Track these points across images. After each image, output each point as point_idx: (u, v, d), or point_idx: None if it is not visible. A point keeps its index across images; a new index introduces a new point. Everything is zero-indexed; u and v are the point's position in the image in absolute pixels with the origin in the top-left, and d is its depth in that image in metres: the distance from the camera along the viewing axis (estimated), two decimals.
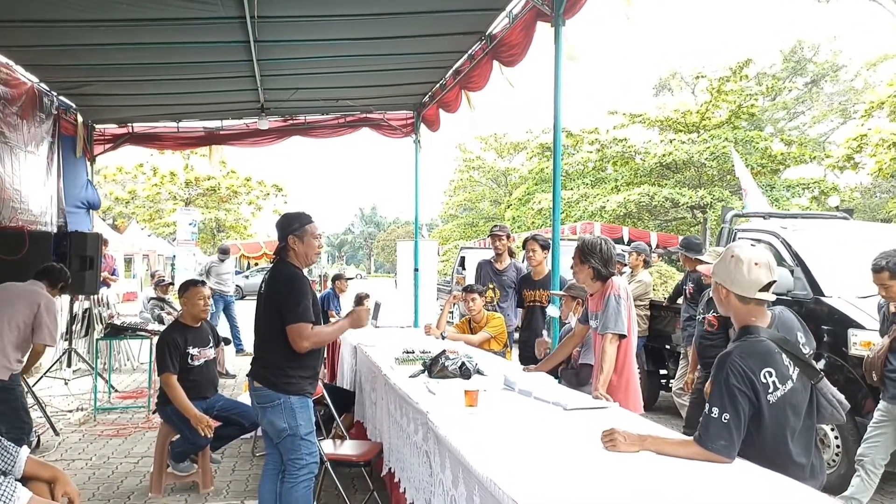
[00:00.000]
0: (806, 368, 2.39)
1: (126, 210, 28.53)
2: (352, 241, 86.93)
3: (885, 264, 4.09)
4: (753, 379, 2.27)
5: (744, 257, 2.40)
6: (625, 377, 3.61)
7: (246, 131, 9.34)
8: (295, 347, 3.43)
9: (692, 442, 2.32)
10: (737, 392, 2.25)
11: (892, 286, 4.10)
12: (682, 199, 19.14)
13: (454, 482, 2.55)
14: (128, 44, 6.13)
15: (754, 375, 2.27)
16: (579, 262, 3.71)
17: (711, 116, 21.14)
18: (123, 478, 5.10)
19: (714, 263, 2.53)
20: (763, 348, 2.33)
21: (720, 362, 2.33)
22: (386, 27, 6.06)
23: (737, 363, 2.29)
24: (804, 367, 2.39)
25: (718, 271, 2.48)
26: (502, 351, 5.51)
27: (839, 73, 30.27)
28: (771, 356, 2.32)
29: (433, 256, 14.36)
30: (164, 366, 4.58)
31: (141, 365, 9.61)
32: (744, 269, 2.38)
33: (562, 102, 5.04)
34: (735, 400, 2.25)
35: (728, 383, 2.27)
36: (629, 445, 2.41)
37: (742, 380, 2.27)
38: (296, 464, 3.52)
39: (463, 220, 37.73)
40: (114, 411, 7.23)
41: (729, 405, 2.25)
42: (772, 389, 2.28)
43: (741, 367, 2.28)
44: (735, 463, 2.34)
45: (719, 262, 2.48)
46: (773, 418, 2.29)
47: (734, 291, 2.41)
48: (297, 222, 3.62)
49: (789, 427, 2.32)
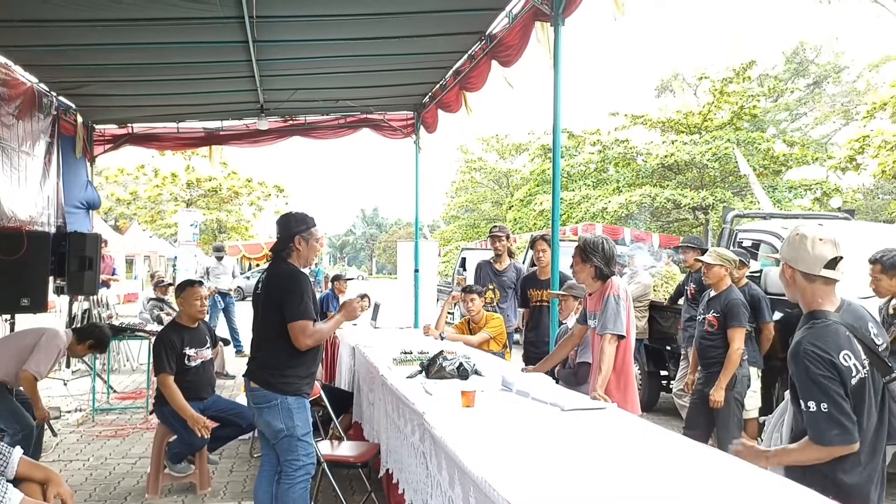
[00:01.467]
0: (878, 362, 2.31)
1: (128, 211, 28.56)
2: (353, 243, 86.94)
3: (879, 258, 4.16)
4: (834, 361, 2.20)
5: (808, 234, 2.37)
6: (623, 378, 3.58)
7: (246, 132, 9.33)
8: (297, 344, 3.42)
9: (810, 444, 2.24)
10: (822, 380, 2.18)
11: (882, 280, 4.14)
12: (683, 201, 19.11)
13: (451, 483, 2.52)
14: (127, 44, 6.12)
15: (834, 358, 2.20)
16: (581, 260, 3.69)
17: (713, 117, 21.12)
18: (121, 479, 5.08)
19: (892, 261, 2.47)
20: (833, 331, 2.26)
21: (794, 355, 2.26)
22: (386, 27, 6.04)
23: (811, 351, 2.22)
24: (876, 360, 2.30)
25: (784, 251, 2.45)
26: (501, 352, 5.48)
27: (841, 74, 30.23)
28: (845, 339, 2.25)
29: (433, 257, 14.33)
30: (160, 366, 4.56)
31: (140, 366, 9.60)
32: (808, 244, 2.34)
33: (561, 101, 5.01)
34: (825, 387, 2.18)
35: (810, 375, 2.20)
36: (755, 458, 2.36)
37: (823, 366, 2.20)
38: (292, 465, 3.50)
39: (464, 221, 37.73)
40: (112, 412, 7.21)
41: (822, 395, 2.18)
42: (854, 373, 2.21)
43: (817, 354, 2.21)
44: (736, 465, 2.32)
45: (785, 243, 2.46)
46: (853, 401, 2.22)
47: (799, 269, 2.36)
48: (304, 224, 3.63)
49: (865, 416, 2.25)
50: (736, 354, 4.69)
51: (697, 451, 2.53)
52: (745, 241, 6.47)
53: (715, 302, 4.89)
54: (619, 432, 2.78)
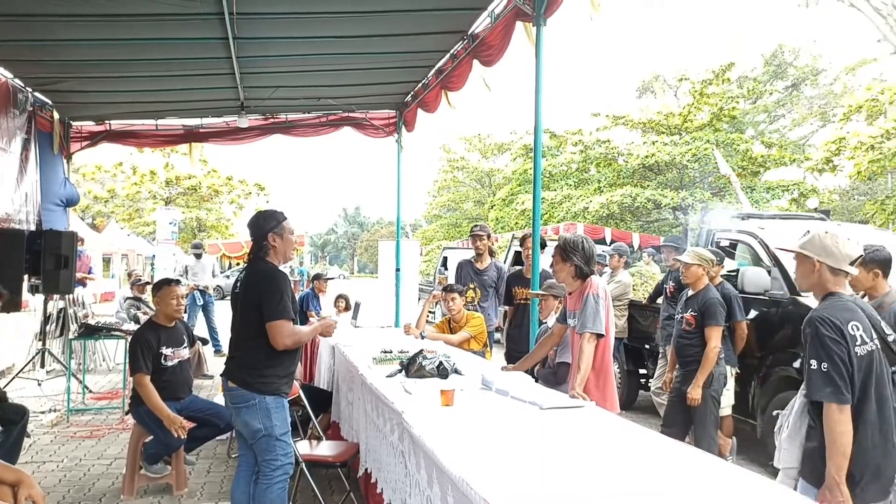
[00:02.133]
0: (887, 350, 2.58)
1: (105, 209, 28.19)
2: (335, 241, 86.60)
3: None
4: (842, 329, 2.46)
5: (837, 234, 2.70)
6: (602, 376, 3.60)
7: (226, 129, 9.24)
8: (274, 344, 3.39)
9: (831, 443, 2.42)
10: (829, 341, 2.44)
11: (860, 273, 4.17)
12: (663, 201, 19.28)
13: (429, 482, 2.52)
14: (104, 40, 6.03)
15: (843, 326, 2.47)
16: (561, 259, 3.70)
17: (693, 119, 21.32)
18: (95, 480, 5.01)
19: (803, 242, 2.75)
20: (846, 305, 2.56)
21: (808, 321, 2.54)
22: (368, 25, 6.01)
23: (824, 315, 2.51)
24: (885, 347, 2.57)
25: (809, 246, 2.71)
26: (482, 351, 5.49)
27: (819, 77, 30.66)
28: (855, 313, 2.54)
29: (415, 257, 14.31)
30: (136, 366, 4.51)
31: (116, 365, 9.48)
32: (839, 243, 2.65)
33: (543, 101, 5.02)
34: (829, 349, 2.44)
35: (819, 334, 2.47)
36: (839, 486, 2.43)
37: (832, 329, 2.46)
38: (270, 465, 3.47)
39: (446, 220, 37.75)
40: (87, 412, 7.11)
41: (825, 355, 2.44)
42: (859, 342, 2.47)
43: (829, 318, 2.49)
44: (712, 462, 2.34)
45: (810, 239, 2.73)
46: (860, 371, 2.44)
47: (827, 263, 2.65)
48: (273, 220, 3.60)
49: (875, 388, 2.47)
50: (713, 353, 4.74)
51: (675, 448, 2.55)
52: (722, 241, 6.54)
53: (693, 301, 4.94)
54: (597, 431, 2.79)
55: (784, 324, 5.49)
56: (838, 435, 2.40)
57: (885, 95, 15.24)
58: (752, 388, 5.64)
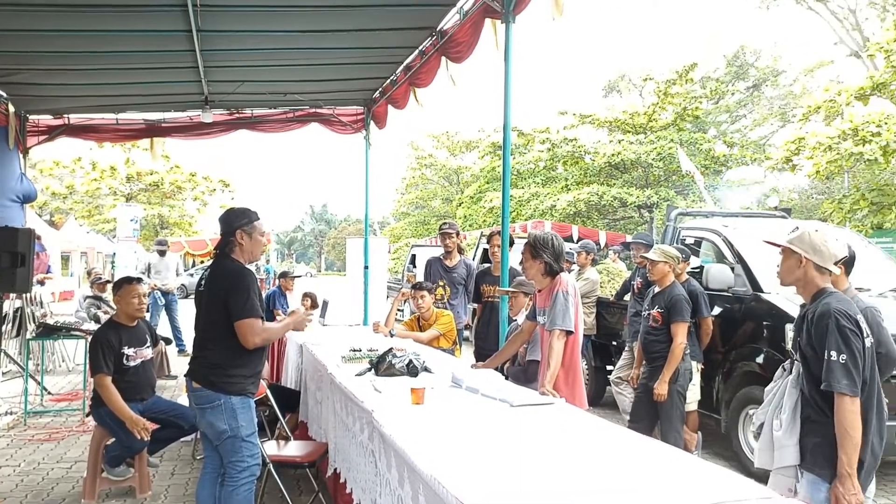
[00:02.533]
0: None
1: (63, 205, 27.43)
2: (302, 239, 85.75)
3: None
4: (858, 321, 2.57)
5: (826, 233, 2.76)
6: (571, 373, 3.62)
7: (189, 124, 9.04)
8: (244, 343, 3.33)
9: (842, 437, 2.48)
10: (849, 332, 2.52)
11: None
12: (629, 199, 19.53)
13: (400, 481, 2.50)
14: (62, 30, 5.85)
15: (858, 318, 2.58)
16: (531, 256, 3.70)
17: (658, 118, 21.64)
18: (55, 484, 4.87)
19: (792, 238, 2.78)
20: (848, 300, 2.67)
21: (823, 314, 2.58)
22: (336, 20, 5.95)
23: (842, 308, 2.57)
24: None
25: (798, 242, 2.75)
26: (451, 348, 5.48)
27: (779, 78, 31.37)
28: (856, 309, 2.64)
29: (383, 254, 14.24)
30: (97, 367, 4.39)
31: (76, 366, 9.24)
32: (828, 241, 2.71)
33: (511, 99, 5.03)
34: (849, 341, 2.51)
35: (840, 326, 2.53)
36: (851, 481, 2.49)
37: (850, 321, 2.55)
38: (236, 466, 3.41)
39: (414, 217, 37.67)
40: (46, 415, 6.92)
41: (845, 347, 2.50)
42: (866, 334, 2.59)
43: (846, 311, 2.56)
44: (678, 455, 2.36)
45: (799, 236, 2.77)
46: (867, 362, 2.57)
47: (813, 260, 2.71)
48: (245, 218, 3.54)
49: (872, 378, 2.58)
50: (679, 349, 4.81)
51: (642, 443, 2.57)
52: (687, 238, 6.64)
53: (659, 298, 5.00)
54: (567, 427, 2.81)
55: (747, 320, 5.60)
56: (851, 427, 2.45)
57: (842, 97, 15.65)
58: (717, 384, 5.74)
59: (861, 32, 24.64)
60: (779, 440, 2.71)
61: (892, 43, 13.49)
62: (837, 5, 24.92)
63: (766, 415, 2.82)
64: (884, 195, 14.93)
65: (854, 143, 13.82)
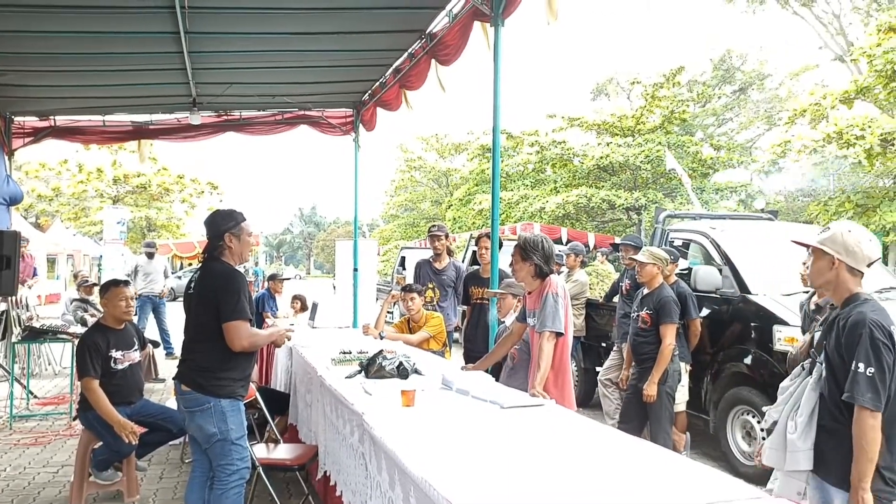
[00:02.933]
0: None
1: (50, 208, 27.20)
2: (291, 241, 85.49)
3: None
4: (892, 333, 2.44)
5: (860, 233, 2.62)
6: (561, 375, 3.63)
7: (177, 126, 9.00)
8: (231, 346, 3.31)
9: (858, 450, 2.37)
10: (881, 346, 2.40)
11: None
12: (618, 201, 19.61)
13: (391, 484, 2.49)
14: (48, 32, 5.81)
15: (892, 330, 2.45)
16: (521, 259, 3.70)
17: (646, 121, 21.74)
18: (41, 489, 4.82)
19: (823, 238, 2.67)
20: (884, 308, 2.52)
21: (861, 323, 2.45)
22: (324, 22, 5.94)
23: (878, 319, 2.44)
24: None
25: (830, 244, 2.62)
26: (441, 350, 5.49)
27: (765, 81, 31.65)
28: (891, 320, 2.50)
29: (373, 256, 14.23)
30: (84, 370, 4.35)
31: (63, 369, 9.16)
32: (862, 243, 2.58)
33: (501, 102, 5.04)
34: (880, 353, 2.40)
35: (873, 338, 2.41)
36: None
37: (883, 333, 2.42)
38: (226, 469, 3.39)
39: (404, 220, 37.64)
40: (32, 419, 6.85)
41: (875, 360, 2.39)
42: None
43: (881, 322, 2.44)
44: (668, 456, 2.38)
45: (831, 236, 2.64)
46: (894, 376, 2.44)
47: (847, 262, 2.58)
48: (232, 220, 3.53)
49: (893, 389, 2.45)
50: (667, 350, 4.84)
51: (632, 444, 2.59)
52: (676, 240, 6.68)
53: (648, 299, 5.03)
54: (557, 428, 2.82)
55: (734, 321, 5.64)
56: (870, 441, 2.35)
57: (826, 100, 15.82)
58: (705, 385, 5.78)
59: (845, 37, 24.91)
60: (792, 443, 2.59)
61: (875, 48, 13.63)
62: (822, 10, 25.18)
63: (781, 414, 2.71)
64: (868, 197, 15.09)
65: (839, 146, 13.97)
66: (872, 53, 13.60)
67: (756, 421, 5.25)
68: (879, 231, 14.69)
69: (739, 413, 5.45)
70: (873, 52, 13.57)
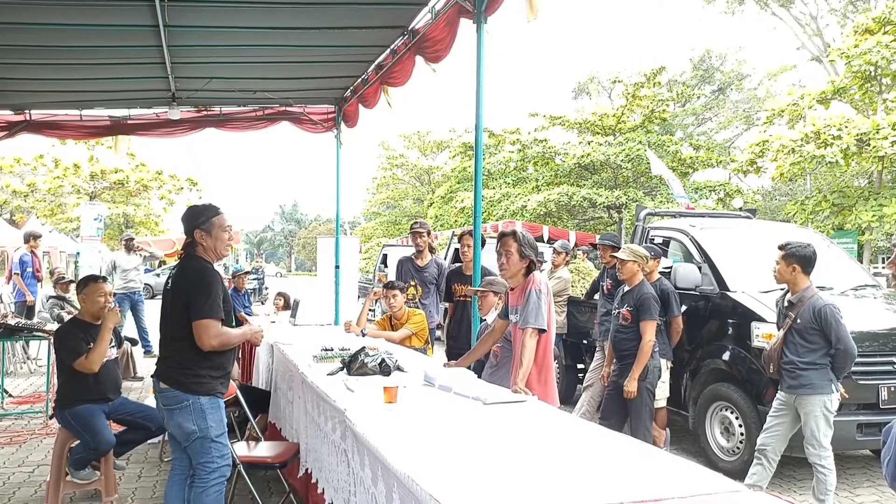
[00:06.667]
0: None
1: (25, 204, 26.71)
2: (271, 239, 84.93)
3: (784, 244, 4.42)
4: None
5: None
6: (544, 372, 3.65)
7: (156, 121, 8.89)
8: (199, 344, 3.26)
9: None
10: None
11: (780, 265, 4.39)
12: (599, 199, 19.72)
13: (374, 480, 2.49)
14: (23, 24, 5.69)
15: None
16: (518, 256, 3.67)
17: (626, 120, 21.89)
18: (16, 488, 4.74)
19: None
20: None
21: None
22: (306, 17, 5.90)
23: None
24: None
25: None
26: (423, 347, 5.47)
27: (743, 82, 32.06)
28: None
29: (354, 254, 14.16)
30: (71, 354, 4.27)
31: (39, 367, 9.01)
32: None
33: (484, 99, 5.04)
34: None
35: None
36: None
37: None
38: (206, 468, 3.35)
39: (386, 217, 37.55)
40: (7, 417, 6.73)
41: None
42: None
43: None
44: (648, 450, 2.40)
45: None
46: None
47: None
48: (203, 216, 3.45)
49: None
50: (648, 346, 4.88)
51: (613, 439, 2.60)
52: (656, 238, 6.74)
53: (628, 296, 5.06)
54: (539, 424, 2.83)
55: (713, 318, 5.70)
56: None
57: (804, 101, 16.04)
58: (685, 381, 5.84)
59: (822, 38, 25.29)
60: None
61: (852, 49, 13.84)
62: (800, 11, 25.53)
63: None
64: (844, 197, 15.33)
65: (816, 145, 14.18)
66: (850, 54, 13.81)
67: (734, 416, 5.31)
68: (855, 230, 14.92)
69: (718, 409, 5.51)
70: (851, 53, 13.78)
